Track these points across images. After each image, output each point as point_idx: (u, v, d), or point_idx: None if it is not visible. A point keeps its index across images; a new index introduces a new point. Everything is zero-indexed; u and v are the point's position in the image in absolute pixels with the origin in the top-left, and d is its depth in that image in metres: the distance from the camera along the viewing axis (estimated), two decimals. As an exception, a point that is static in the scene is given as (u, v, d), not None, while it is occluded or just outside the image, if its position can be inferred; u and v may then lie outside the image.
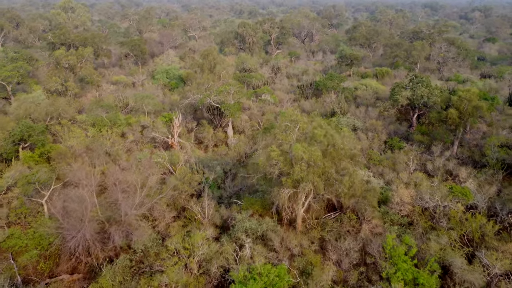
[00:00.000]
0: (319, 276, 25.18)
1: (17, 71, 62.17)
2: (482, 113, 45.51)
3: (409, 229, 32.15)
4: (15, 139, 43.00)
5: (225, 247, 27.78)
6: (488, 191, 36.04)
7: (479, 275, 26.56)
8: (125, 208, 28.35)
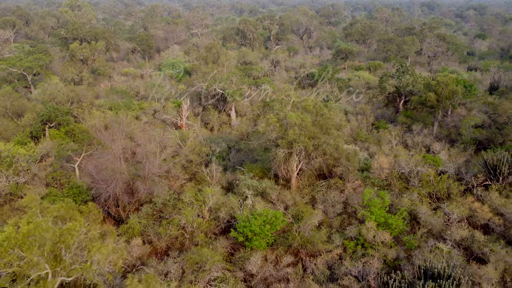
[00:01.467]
0: (308, 219, 31.24)
1: (37, 62, 68.28)
2: (458, 96, 51.59)
3: (386, 190, 38.21)
4: (44, 119, 49.01)
5: (231, 199, 33.87)
6: (457, 160, 42.21)
7: (440, 219, 32.69)
8: (148, 167, 34.46)
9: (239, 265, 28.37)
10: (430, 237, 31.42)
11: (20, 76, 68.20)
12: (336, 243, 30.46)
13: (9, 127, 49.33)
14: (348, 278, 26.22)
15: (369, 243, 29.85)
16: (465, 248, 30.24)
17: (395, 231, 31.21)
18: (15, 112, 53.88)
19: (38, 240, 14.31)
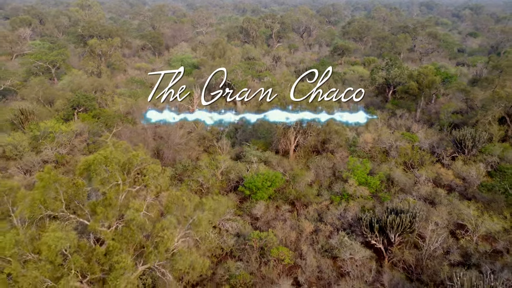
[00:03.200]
0: (302, 178, 38.99)
1: (60, 57, 76.30)
2: (436, 85, 59.27)
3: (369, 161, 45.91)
4: (73, 104, 56.95)
5: (239, 165, 41.68)
6: (432, 138, 49.91)
7: (411, 180, 40.43)
8: (171, 139, 42.30)
9: (247, 211, 36.15)
10: (402, 193, 39.10)
11: (45, 69, 76.20)
12: (325, 197, 38.22)
13: (44, 111, 57.23)
14: (331, 217, 33.96)
15: (351, 197, 37.55)
16: (430, 202, 37.89)
17: (372, 188, 38.92)
18: (47, 99, 61.74)
19: (114, 160, 21.94)
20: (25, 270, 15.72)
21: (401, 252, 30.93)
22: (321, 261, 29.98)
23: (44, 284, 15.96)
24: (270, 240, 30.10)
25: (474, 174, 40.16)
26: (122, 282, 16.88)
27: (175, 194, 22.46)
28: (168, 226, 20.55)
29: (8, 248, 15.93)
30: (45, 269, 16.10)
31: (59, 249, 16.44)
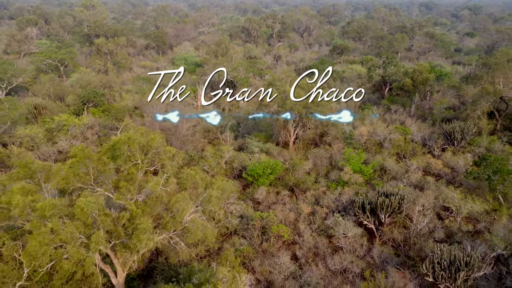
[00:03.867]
0: (301, 167, 42.12)
1: (68, 55, 79.55)
2: (430, 82, 62.34)
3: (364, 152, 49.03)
4: (84, 100, 60.14)
5: (242, 154, 44.82)
6: (424, 131, 53.00)
7: (402, 169, 43.53)
8: (179, 130, 45.45)
9: (249, 196, 39.28)
10: (393, 180, 42.18)
11: (54, 67, 79.43)
12: (322, 184, 41.33)
13: (55, 106, 60.41)
14: (327, 201, 37.09)
15: (346, 184, 40.66)
16: (419, 188, 40.94)
17: (366, 176, 42.04)
18: (57, 95, 64.96)
19: (136, 141, 25.03)
20: (63, 226, 18.81)
21: (391, 232, 34.04)
22: (317, 239, 33.10)
23: (79, 239, 19.03)
24: (271, 219, 33.21)
25: (461, 164, 43.27)
26: (144, 239, 19.97)
27: (189, 172, 25.60)
28: (183, 199, 23.67)
29: (47, 209, 19.01)
30: (79, 226, 19.21)
31: (90, 212, 19.55)
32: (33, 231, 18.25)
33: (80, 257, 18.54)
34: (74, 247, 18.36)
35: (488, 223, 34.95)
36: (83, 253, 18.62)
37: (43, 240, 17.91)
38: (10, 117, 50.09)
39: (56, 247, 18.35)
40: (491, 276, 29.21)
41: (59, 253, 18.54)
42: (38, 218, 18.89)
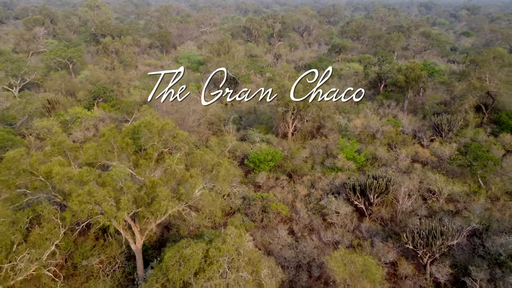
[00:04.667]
0: (298, 154, 45.95)
1: (77, 53, 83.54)
2: (422, 79, 66.13)
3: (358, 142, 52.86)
4: (94, 95, 64.09)
5: (244, 144, 48.67)
6: (415, 124, 56.81)
7: (392, 157, 47.34)
8: (186, 122, 49.32)
9: (251, 181, 43.12)
10: (384, 167, 45.98)
11: (63, 65, 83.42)
12: (318, 170, 45.16)
13: (67, 101, 64.36)
14: (322, 184, 40.93)
15: (340, 170, 44.48)
16: (407, 174, 44.72)
17: (359, 163, 45.87)
18: (68, 91, 68.94)
19: (154, 125, 28.85)
20: (97, 189, 22.62)
21: (379, 211, 37.88)
22: (312, 217, 36.93)
23: (110, 201, 22.81)
24: (270, 199, 37.06)
25: (447, 152, 47.09)
26: (164, 205, 23.74)
27: (199, 153, 29.48)
28: (195, 175, 27.51)
29: (85, 175, 22.85)
30: (110, 191, 23.04)
31: (118, 179, 23.39)
32: (72, 193, 22.05)
33: (113, 214, 22.32)
34: (107, 206, 22.18)
35: (467, 203, 38.75)
36: (115, 211, 22.39)
37: (82, 200, 21.69)
38: (27, 110, 53.98)
39: (92, 206, 22.15)
40: (466, 247, 33.06)
41: (95, 211, 22.31)
42: (75, 183, 22.72)
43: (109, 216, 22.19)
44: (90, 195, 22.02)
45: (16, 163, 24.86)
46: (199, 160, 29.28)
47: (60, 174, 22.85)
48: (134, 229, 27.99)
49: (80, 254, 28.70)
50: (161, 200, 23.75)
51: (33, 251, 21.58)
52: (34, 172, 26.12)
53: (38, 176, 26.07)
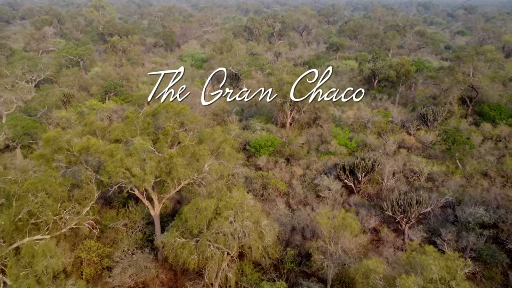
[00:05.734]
0: (295, 140, 51.21)
1: (87, 51, 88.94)
2: (411, 74, 71.37)
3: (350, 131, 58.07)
4: (106, 89, 69.40)
5: (246, 132, 53.92)
6: (404, 115, 62.03)
7: (381, 143, 52.57)
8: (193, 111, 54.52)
9: (252, 163, 48.37)
10: (372, 151, 51.18)
11: (74, 62, 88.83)
12: (313, 155, 50.38)
13: (81, 96, 69.71)
14: (316, 166, 46.16)
15: (333, 154, 49.69)
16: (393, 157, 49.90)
17: (350, 149, 51.10)
18: (81, 86, 74.30)
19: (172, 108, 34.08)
20: (127, 159, 27.84)
21: (366, 188, 43.10)
22: (306, 193, 42.15)
23: (137, 168, 28.05)
24: (270, 177, 42.30)
25: (430, 139, 52.29)
26: (181, 172, 28.96)
27: (208, 131, 34.75)
28: (205, 149, 32.77)
29: (114, 150, 28.10)
30: (136, 160, 28.32)
31: (142, 150, 28.68)
32: (107, 161, 27.29)
33: (141, 177, 27.55)
34: (136, 170, 27.47)
35: (445, 181, 43.95)
36: (143, 174, 27.63)
37: (116, 164, 26.88)
38: (46, 103, 59.31)
39: (124, 170, 27.38)
40: (440, 216, 38.28)
41: (127, 174, 27.50)
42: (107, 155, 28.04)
43: (138, 179, 27.44)
44: (121, 162, 27.27)
45: (55, 141, 30.08)
46: (209, 137, 34.51)
47: (96, 147, 28.11)
48: (153, 197, 33.26)
49: (107, 218, 33.97)
50: (178, 168, 29.00)
51: (77, 206, 26.75)
52: (70, 148, 31.46)
53: (72, 152, 31.42)
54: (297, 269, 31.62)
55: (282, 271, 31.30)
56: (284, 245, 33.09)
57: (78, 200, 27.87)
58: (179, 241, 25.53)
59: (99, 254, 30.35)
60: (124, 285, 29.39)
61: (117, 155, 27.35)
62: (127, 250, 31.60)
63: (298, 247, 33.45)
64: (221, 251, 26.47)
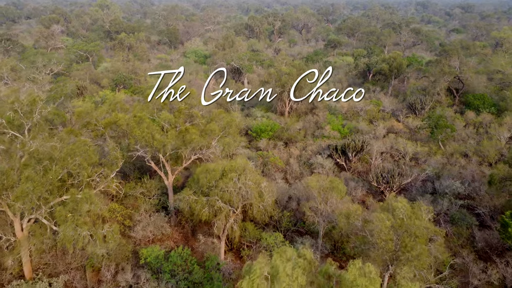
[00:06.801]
0: (293, 126, 56.50)
1: (96, 47, 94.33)
2: (402, 68, 76.61)
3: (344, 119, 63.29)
4: (116, 82, 74.77)
5: (248, 119, 59.21)
6: (394, 105, 67.29)
7: (371, 129, 57.83)
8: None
9: (254, 146, 53.63)
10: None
11: (84, 58, 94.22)
12: (309, 139, 55.62)
13: (92, 88, 75.01)
14: (311, 147, 51.42)
15: (327, 137, 54.93)
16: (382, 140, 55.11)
17: (343, 133, 56.34)
18: (92, 79, 79.61)
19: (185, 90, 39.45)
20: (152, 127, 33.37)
21: (356, 166, 48.32)
22: (302, 170, 47.37)
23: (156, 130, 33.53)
24: (269, 156, 47.54)
25: (416, 124, 57.53)
26: (194, 141, 34.30)
27: (216, 111, 40.04)
28: (215, 126, 38.06)
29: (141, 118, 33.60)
30: (158, 129, 33.74)
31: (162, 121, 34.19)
32: (134, 128, 32.66)
33: (163, 141, 33.07)
34: (159, 136, 32.93)
35: (427, 160, 49.18)
36: (165, 139, 33.02)
37: (143, 129, 32.22)
38: (63, 93, 64.62)
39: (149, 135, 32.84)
40: (420, 188, 43.49)
41: (150, 140, 32.78)
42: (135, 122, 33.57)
43: (160, 143, 32.81)
44: (148, 129, 32.73)
45: (86, 115, 35.38)
46: (217, 116, 39.85)
47: (123, 120, 33.48)
48: (167, 169, 38.58)
49: (127, 187, 39.26)
50: (193, 137, 34.38)
51: (106, 169, 31.98)
52: (97, 123, 36.76)
53: (99, 126, 36.71)
54: (293, 228, 36.87)
55: (279, 229, 36.53)
56: (282, 209, 38.29)
57: (106, 165, 33.13)
58: (192, 197, 30.77)
59: (122, 215, 35.60)
60: (145, 239, 34.65)
61: (143, 124, 32.75)
62: (145, 212, 36.87)
63: (293, 211, 38.68)
64: (227, 209, 31.70)
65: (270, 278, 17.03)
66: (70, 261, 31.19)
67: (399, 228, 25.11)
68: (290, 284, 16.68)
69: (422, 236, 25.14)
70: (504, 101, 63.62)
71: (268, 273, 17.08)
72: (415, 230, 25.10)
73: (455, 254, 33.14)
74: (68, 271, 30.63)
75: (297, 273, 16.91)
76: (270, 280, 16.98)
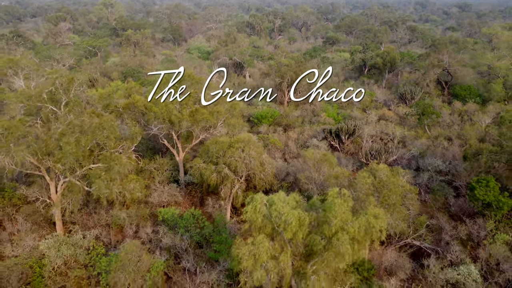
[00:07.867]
0: (291, 113, 61.69)
1: (104, 44, 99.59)
2: (396, 62, 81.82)
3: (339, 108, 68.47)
4: (125, 74, 80.00)
5: (250, 107, 64.41)
6: (387, 96, 72.46)
7: (364, 116, 62.99)
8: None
9: (255, 131, 58.80)
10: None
11: (93, 53, 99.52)
12: (306, 125, 60.79)
13: (103, 80, 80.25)
14: (307, 131, 56.61)
15: (322, 124, 60.09)
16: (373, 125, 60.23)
17: (337, 120, 61.52)
18: (102, 73, 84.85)
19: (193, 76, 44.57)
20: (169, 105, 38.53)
21: (349, 148, 53.48)
22: (299, 150, 52.54)
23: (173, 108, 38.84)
24: (269, 138, 52.72)
25: (405, 111, 62.70)
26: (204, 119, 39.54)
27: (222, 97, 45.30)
28: (221, 108, 43.25)
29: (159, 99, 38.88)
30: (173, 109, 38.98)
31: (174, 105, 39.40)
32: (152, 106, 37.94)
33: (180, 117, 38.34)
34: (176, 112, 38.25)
35: (414, 143, 54.32)
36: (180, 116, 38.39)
37: (162, 107, 37.54)
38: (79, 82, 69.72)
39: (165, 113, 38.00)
40: (406, 166, 48.62)
41: (170, 114, 38.21)
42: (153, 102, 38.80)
43: (177, 118, 38.10)
44: (166, 107, 37.98)
45: (107, 97, 40.57)
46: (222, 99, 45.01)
47: (141, 101, 38.76)
48: (178, 146, 43.82)
49: (143, 163, 44.46)
50: (203, 115, 39.60)
51: (127, 141, 37.15)
52: (117, 105, 41.98)
53: (119, 108, 41.93)
54: (290, 197, 41.99)
55: (278, 198, 41.64)
56: (280, 181, 43.44)
57: (127, 139, 38.34)
58: (203, 165, 35.95)
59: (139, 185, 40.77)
60: (160, 204, 39.85)
61: (160, 103, 38.07)
62: (159, 184, 42.06)
63: (291, 183, 43.86)
64: (233, 177, 36.88)
65: (268, 204, 22.23)
66: (97, 221, 36.40)
67: (378, 184, 30.27)
68: (283, 206, 21.85)
69: (398, 191, 30.31)
70: (489, 92, 68.78)
71: (266, 201, 22.29)
72: (392, 186, 30.27)
73: (432, 217, 38.28)
74: (96, 228, 35.82)
75: (288, 200, 22.12)
76: (268, 206, 22.17)
